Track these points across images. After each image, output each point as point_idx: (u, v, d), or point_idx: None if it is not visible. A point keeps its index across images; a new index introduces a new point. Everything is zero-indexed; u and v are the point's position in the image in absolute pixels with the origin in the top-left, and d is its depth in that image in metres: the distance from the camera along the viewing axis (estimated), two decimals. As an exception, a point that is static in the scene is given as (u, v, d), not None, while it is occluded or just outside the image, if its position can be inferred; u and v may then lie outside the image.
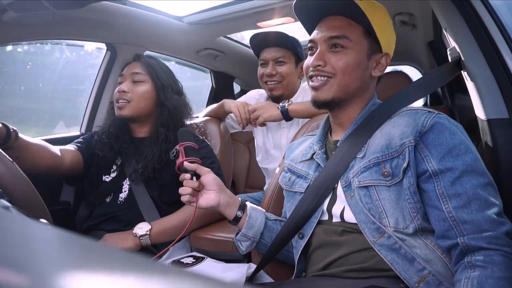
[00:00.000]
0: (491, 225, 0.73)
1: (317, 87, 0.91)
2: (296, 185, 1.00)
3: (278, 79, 1.62)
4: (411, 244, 0.78)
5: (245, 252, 1.04)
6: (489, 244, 0.72)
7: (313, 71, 0.91)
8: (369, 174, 0.84)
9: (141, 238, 1.25)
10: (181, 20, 1.85)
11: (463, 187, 0.76)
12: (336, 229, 0.88)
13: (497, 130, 0.93)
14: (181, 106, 1.47)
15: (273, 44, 1.62)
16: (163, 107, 1.43)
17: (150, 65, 1.44)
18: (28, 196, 0.84)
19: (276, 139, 1.74)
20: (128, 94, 1.39)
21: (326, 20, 0.93)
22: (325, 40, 0.91)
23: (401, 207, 0.80)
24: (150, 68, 1.43)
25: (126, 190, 1.38)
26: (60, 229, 0.30)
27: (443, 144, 0.80)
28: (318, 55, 0.91)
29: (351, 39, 0.89)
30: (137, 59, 1.48)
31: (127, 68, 1.46)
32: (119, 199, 1.37)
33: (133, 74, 1.42)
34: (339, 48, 0.89)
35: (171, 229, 1.27)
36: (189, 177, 0.94)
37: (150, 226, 1.27)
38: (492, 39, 0.93)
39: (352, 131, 0.92)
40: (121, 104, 1.39)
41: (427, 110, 0.86)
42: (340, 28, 0.90)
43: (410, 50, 2.18)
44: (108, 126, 1.46)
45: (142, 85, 1.42)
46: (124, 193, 1.37)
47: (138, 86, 1.41)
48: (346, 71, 0.89)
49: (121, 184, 1.39)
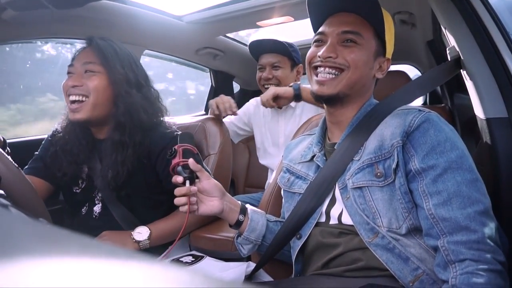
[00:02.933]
0: (470, 222, 0.72)
1: (324, 82, 0.90)
2: (295, 185, 1.00)
3: (274, 82, 1.75)
4: (405, 243, 0.79)
5: (246, 255, 1.03)
6: (470, 250, 0.70)
7: (321, 61, 0.90)
8: (362, 175, 0.84)
9: (140, 243, 1.17)
10: (180, 19, 1.85)
11: (444, 184, 0.76)
12: (333, 231, 0.88)
13: (496, 129, 0.93)
14: (141, 104, 1.20)
15: (269, 50, 1.76)
16: (117, 105, 1.19)
17: (103, 51, 1.18)
18: (27, 195, 0.84)
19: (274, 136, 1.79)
20: (81, 88, 1.15)
21: (339, 16, 0.92)
22: (338, 33, 0.90)
23: (394, 208, 0.80)
24: (103, 55, 1.18)
25: (99, 201, 1.25)
26: (59, 228, 0.30)
27: (427, 142, 0.79)
28: (330, 47, 0.89)
29: (364, 37, 0.89)
30: (89, 43, 1.22)
31: (77, 56, 1.20)
32: (94, 213, 1.24)
33: (85, 64, 1.17)
34: (351, 43, 0.89)
35: (170, 232, 1.21)
36: (181, 180, 0.88)
37: (149, 231, 1.18)
38: (491, 38, 0.94)
39: (349, 133, 0.92)
40: (74, 106, 1.16)
41: (418, 109, 0.86)
42: (355, 25, 0.89)
43: (410, 49, 2.18)
44: (64, 129, 1.25)
45: (95, 76, 1.17)
46: (98, 205, 1.24)
47: (91, 78, 1.16)
48: (357, 65, 0.88)
49: (92, 195, 1.25)
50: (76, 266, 0.22)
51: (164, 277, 0.22)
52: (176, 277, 0.22)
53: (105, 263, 0.24)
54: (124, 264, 0.24)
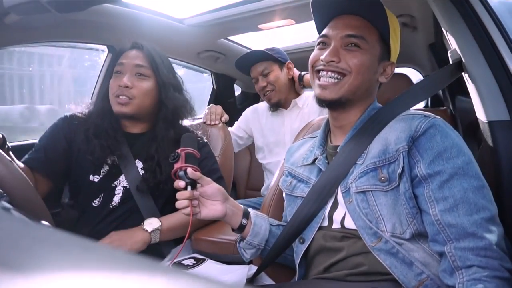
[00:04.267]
0: (477, 229, 0.71)
1: (326, 86, 0.89)
2: (297, 189, 1.00)
3: (270, 88, 1.85)
4: (408, 248, 0.78)
5: (249, 259, 1.02)
6: (477, 256, 0.70)
7: (324, 65, 0.89)
8: (366, 179, 0.84)
9: (152, 233, 1.17)
10: (182, 22, 1.86)
11: (451, 190, 0.75)
12: (335, 235, 0.88)
13: (498, 132, 0.93)
14: (181, 105, 1.34)
15: (254, 62, 1.86)
16: (164, 106, 1.30)
17: (153, 57, 1.29)
18: (29, 198, 0.84)
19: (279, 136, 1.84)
20: (132, 91, 1.24)
21: (343, 18, 0.91)
22: (341, 37, 0.89)
23: (398, 212, 0.79)
24: (153, 61, 1.29)
25: (120, 193, 1.25)
26: (61, 230, 0.30)
27: (433, 148, 0.79)
28: (332, 51, 0.88)
29: (368, 41, 0.88)
30: (138, 47, 1.31)
31: (126, 56, 1.29)
32: (112, 203, 1.24)
33: (137, 67, 1.27)
34: (355, 48, 0.88)
35: (180, 227, 1.22)
36: (183, 185, 0.87)
37: (160, 222, 1.19)
38: (493, 41, 0.93)
39: (352, 136, 0.91)
40: (123, 100, 1.24)
41: (423, 114, 0.85)
42: (359, 28, 0.88)
43: (411, 52, 2.18)
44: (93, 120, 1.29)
45: (146, 80, 1.28)
46: (117, 196, 1.25)
47: (142, 81, 1.27)
48: (360, 70, 0.87)
49: (112, 185, 1.26)
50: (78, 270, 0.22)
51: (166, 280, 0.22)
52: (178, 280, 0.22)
53: (107, 266, 0.24)
54: (126, 267, 0.24)
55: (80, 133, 1.27)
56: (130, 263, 0.25)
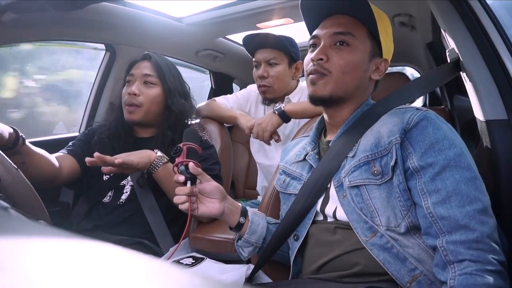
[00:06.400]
0: (469, 221, 0.71)
1: (314, 80, 0.90)
2: (290, 186, 1.00)
3: (268, 83, 1.64)
4: (403, 243, 0.78)
5: (247, 258, 1.02)
6: (469, 250, 0.70)
7: (313, 65, 0.90)
8: (359, 173, 0.84)
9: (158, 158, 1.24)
10: (180, 21, 1.85)
11: (443, 182, 0.75)
12: (329, 226, 0.88)
13: (496, 131, 0.93)
14: (187, 110, 1.45)
15: (265, 45, 1.64)
16: (171, 111, 1.40)
17: (160, 66, 1.41)
18: (27, 197, 0.84)
19: None
20: (139, 98, 1.36)
21: (332, 18, 0.93)
22: (330, 35, 0.90)
23: (392, 206, 0.80)
24: (160, 70, 1.40)
25: (128, 191, 1.35)
26: (59, 230, 0.30)
27: (425, 140, 0.79)
28: (321, 49, 0.90)
29: (357, 37, 0.89)
30: (147, 58, 1.44)
31: (137, 67, 1.42)
32: (120, 200, 1.34)
33: (145, 76, 1.39)
34: (344, 46, 0.89)
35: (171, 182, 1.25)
36: (183, 179, 0.88)
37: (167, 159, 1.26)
38: (491, 40, 0.94)
39: (344, 131, 0.92)
40: (132, 108, 1.36)
41: (416, 108, 0.86)
42: (346, 25, 0.90)
43: (409, 51, 2.18)
44: (109, 126, 1.42)
45: (153, 88, 1.39)
46: (125, 194, 1.34)
47: (149, 89, 1.39)
48: (345, 70, 0.89)
49: (120, 184, 1.36)
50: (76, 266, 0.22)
51: (165, 279, 0.22)
52: (177, 279, 0.22)
53: (106, 263, 0.24)
54: (125, 265, 0.24)
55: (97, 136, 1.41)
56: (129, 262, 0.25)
